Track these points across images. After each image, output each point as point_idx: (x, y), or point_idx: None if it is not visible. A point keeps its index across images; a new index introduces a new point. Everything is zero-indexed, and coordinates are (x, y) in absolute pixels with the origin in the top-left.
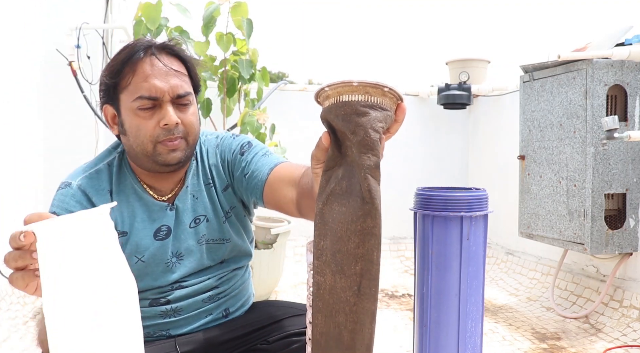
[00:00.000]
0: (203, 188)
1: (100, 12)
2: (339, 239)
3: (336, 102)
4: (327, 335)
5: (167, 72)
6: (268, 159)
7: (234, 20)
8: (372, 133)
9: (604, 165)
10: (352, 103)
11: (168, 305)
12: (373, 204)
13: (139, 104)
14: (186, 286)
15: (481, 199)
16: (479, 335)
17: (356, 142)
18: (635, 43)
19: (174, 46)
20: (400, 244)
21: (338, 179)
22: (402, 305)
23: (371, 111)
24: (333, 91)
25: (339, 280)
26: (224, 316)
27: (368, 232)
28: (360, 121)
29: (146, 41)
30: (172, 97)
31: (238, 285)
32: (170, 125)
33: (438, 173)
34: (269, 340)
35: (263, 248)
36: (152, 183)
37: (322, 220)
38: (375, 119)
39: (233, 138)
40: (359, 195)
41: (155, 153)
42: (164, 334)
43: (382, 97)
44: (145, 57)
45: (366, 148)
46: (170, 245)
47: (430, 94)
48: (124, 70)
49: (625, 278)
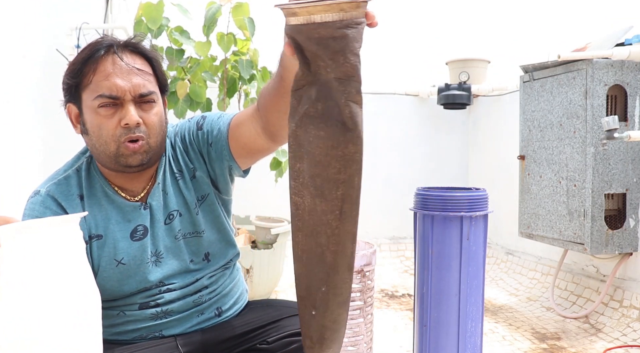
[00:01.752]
0: (171, 183)
1: (100, 12)
2: (317, 163)
3: (307, 23)
4: (308, 252)
5: (130, 70)
6: (223, 118)
7: (235, 21)
8: (351, 57)
9: (604, 165)
10: (327, 25)
11: (158, 307)
12: (355, 130)
13: (99, 102)
14: (175, 289)
15: (481, 199)
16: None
17: (335, 68)
18: (635, 43)
19: (137, 44)
20: (400, 244)
21: (312, 101)
22: (402, 305)
23: (348, 31)
24: (303, 10)
25: (319, 203)
26: (216, 315)
27: (350, 158)
28: (338, 46)
29: (109, 39)
30: (134, 97)
31: (228, 283)
32: (130, 124)
33: (438, 173)
34: (269, 340)
35: (263, 248)
36: (122, 184)
37: (297, 142)
38: (353, 40)
39: (188, 121)
40: (339, 120)
41: (117, 153)
42: (157, 335)
43: (357, 10)
44: (107, 56)
45: (346, 74)
46: (149, 245)
47: (430, 94)
48: (85, 68)
49: (625, 278)
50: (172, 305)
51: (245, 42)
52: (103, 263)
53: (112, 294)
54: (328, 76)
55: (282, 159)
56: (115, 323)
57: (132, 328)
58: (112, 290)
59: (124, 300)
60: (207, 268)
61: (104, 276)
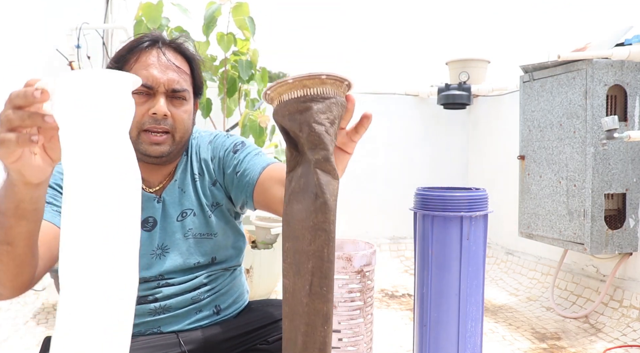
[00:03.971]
0: (190, 182)
1: (100, 12)
2: (296, 238)
3: (280, 103)
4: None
5: (168, 65)
6: (260, 159)
7: (235, 20)
8: (317, 127)
9: (603, 165)
10: (293, 101)
11: (156, 302)
12: (323, 198)
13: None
14: (173, 284)
15: (481, 199)
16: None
17: (304, 139)
18: (635, 43)
19: (181, 44)
20: (400, 244)
21: (297, 178)
22: (402, 305)
23: (312, 104)
24: (274, 92)
25: (297, 281)
26: (215, 313)
27: (319, 227)
28: (302, 118)
29: (156, 34)
30: (167, 90)
31: (227, 282)
32: (158, 115)
33: (438, 173)
34: (269, 340)
35: (263, 248)
36: (141, 173)
37: (286, 221)
38: (317, 111)
39: (227, 137)
40: (312, 190)
41: (138, 140)
42: (155, 331)
43: (322, 86)
44: (151, 48)
45: (313, 144)
46: (157, 237)
47: (430, 94)
48: (128, 56)
49: (625, 278)
50: (170, 300)
51: (245, 42)
52: None
53: None
54: (304, 150)
55: (282, 158)
56: None
57: None
58: None
59: None
60: (210, 267)
61: None
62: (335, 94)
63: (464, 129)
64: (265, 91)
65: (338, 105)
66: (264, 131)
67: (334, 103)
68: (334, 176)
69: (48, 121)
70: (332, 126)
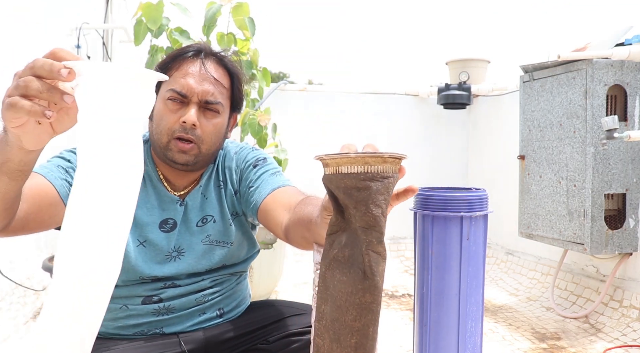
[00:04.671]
0: (213, 189)
1: (100, 12)
2: (338, 308)
3: (335, 173)
4: None
5: (206, 77)
6: (274, 179)
7: (236, 21)
8: (374, 209)
9: (603, 165)
10: (352, 176)
11: (160, 303)
12: (373, 280)
13: (169, 95)
14: (179, 286)
15: (481, 199)
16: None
17: (358, 217)
18: (635, 43)
19: (224, 57)
20: (400, 244)
21: (341, 246)
22: (402, 305)
23: (372, 183)
24: (332, 161)
25: (335, 348)
26: (218, 315)
27: (366, 307)
28: (360, 196)
29: (202, 45)
30: (200, 100)
31: (233, 286)
32: (187, 124)
33: (438, 173)
34: (269, 340)
35: (263, 248)
36: (168, 175)
37: (325, 285)
38: (376, 192)
39: (252, 150)
40: (361, 268)
41: (167, 147)
42: (157, 332)
43: (383, 165)
44: (194, 59)
45: (368, 224)
46: (175, 239)
47: (430, 94)
48: (171, 64)
49: (625, 278)
50: (175, 301)
51: (245, 42)
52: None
53: (126, 274)
54: (355, 224)
55: (281, 157)
56: (118, 317)
57: (133, 322)
58: (126, 268)
59: (129, 290)
60: (217, 272)
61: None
62: (393, 173)
63: (464, 129)
64: (322, 156)
65: (394, 183)
66: (264, 129)
67: (391, 183)
68: (384, 256)
69: (66, 100)
70: (387, 207)
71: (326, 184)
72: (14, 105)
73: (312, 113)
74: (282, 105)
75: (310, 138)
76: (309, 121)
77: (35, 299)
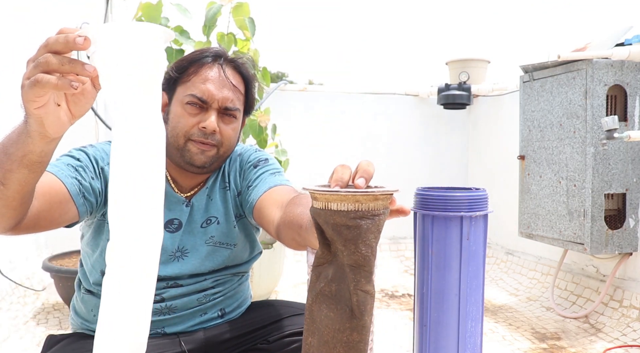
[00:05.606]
0: (219, 191)
1: (101, 12)
2: (325, 343)
3: (324, 209)
4: None
5: (226, 83)
6: (273, 178)
7: (236, 21)
8: (364, 248)
9: (603, 165)
10: (342, 213)
11: (162, 302)
12: (361, 320)
13: (189, 99)
14: (182, 285)
15: (481, 199)
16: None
17: (347, 255)
18: (635, 43)
19: (241, 64)
20: (400, 244)
21: (328, 280)
22: (402, 305)
23: (362, 222)
24: (321, 196)
25: None
26: (220, 316)
27: (353, 346)
28: (350, 235)
29: (220, 50)
30: (220, 107)
31: (235, 286)
32: (207, 130)
33: (438, 173)
34: (269, 340)
35: (263, 247)
36: (176, 177)
37: (311, 318)
38: (367, 231)
39: (255, 151)
40: (348, 305)
41: (185, 148)
42: (159, 332)
43: (375, 202)
44: (213, 64)
45: (357, 264)
46: (179, 240)
47: (430, 94)
48: (189, 67)
49: (625, 278)
50: (177, 301)
51: (246, 43)
52: None
53: None
54: (343, 260)
55: (282, 158)
56: None
57: None
58: None
59: None
60: (220, 272)
61: None
62: (384, 209)
63: (464, 129)
64: (312, 189)
65: (384, 219)
66: (264, 130)
67: (382, 220)
68: (372, 295)
69: (88, 69)
70: (376, 244)
71: (314, 217)
72: (39, 81)
73: (312, 113)
74: (282, 105)
75: (311, 138)
76: (309, 121)
77: (35, 299)
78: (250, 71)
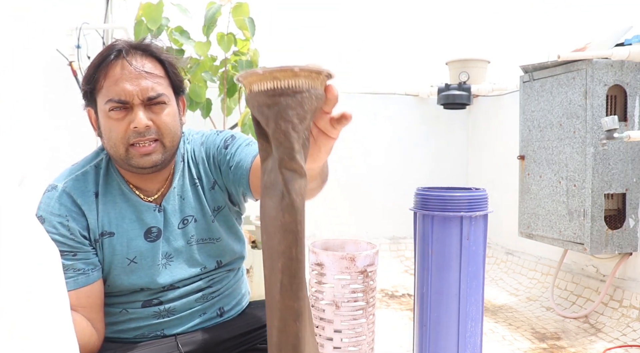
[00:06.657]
0: (189, 188)
1: (100, 12)
2: (268, 234)
3: (250, 93)
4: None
5: (138, 74)
6: (251, 148)
7: (236, 21)
8: (283, 124)
9: (603, 165)
10: (262, 93)
11: (161, 305)
12: (290, 199)
13: (110, 106)
14: (178, 287)
15: (481, 199)
16: (479, 335)
17: (270, 135)
18: (635, 43)
19: (148, 46)
20: (400, 244)
21: (268, 171)
22: (402, 305)
23: (281, 98)
24: (244, 81)
25: (272, 277)
26: (218, 315)
27: (287, 228)
28: (270, 113)
29: (120, 43)
30: (143, 100)
31: (231, 284)
32: (140, 128)
33: (438, 173)
34: None
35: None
36: (137, 183)
37: (262, 215)
38: (286, 107)
39: (217, 134)
40: (280, 189)
41: (127, 156)
42: (158, 334)
43: (294, 79)
44: (117, 60)
45: (278, 141)
46: (161, 247)
47: (430, 94)
48: (97, 74)
49: (625, 278)
50: (175, 303)
51: (245, 42)
52: (115, 261)
53: (120, 290)
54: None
55: None
56: (118, 321)
57: (134, 326)
58: (121, 286)
59: (128, 297)
60: (215, 270)
61: (115, 273)
62: (309, 87)
63: (464, 129)
64: (238, 77)
65: (312, 98)
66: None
67: (306, 97)
68: (301, 173)
69: None
70: (301, 123)
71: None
72: None
73: None
74: None
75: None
76: None
77: None
78: (160, 49)
